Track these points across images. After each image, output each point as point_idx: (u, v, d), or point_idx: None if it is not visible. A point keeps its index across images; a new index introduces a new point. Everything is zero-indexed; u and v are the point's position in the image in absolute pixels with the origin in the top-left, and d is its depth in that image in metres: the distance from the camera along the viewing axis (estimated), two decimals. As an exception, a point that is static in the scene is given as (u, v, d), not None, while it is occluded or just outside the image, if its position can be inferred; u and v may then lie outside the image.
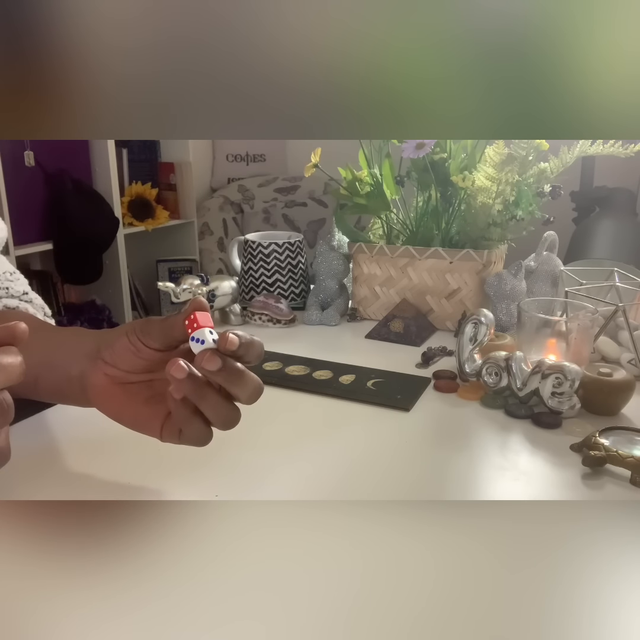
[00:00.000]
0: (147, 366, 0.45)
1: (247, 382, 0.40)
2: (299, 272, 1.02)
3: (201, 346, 0.40)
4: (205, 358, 0.39)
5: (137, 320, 0.45)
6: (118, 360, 0.44)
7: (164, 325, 0.43)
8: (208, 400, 0.40)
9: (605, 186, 2.11)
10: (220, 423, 0.42)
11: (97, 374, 0.45)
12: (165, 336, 0.43)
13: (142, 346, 0.43)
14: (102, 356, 0.45)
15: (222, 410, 0.41)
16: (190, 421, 0.42)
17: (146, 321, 0.44)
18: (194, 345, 0.40)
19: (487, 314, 0.68)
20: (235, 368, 0.40)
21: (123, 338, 0.44)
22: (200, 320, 0.40)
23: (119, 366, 0.44)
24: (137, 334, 0.43)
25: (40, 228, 2.07)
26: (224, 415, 0.41)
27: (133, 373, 0.45)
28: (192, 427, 0.42)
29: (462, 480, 0.51)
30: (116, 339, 0.44)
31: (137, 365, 0.44)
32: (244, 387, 0.40)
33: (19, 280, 0.64)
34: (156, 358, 0.44)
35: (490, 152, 0.83)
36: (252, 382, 0.41)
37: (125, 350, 0.44)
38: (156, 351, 0.43)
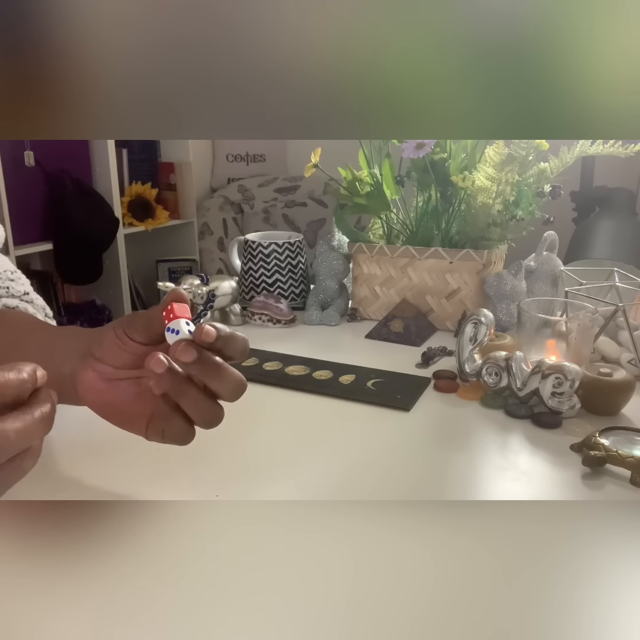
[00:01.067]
0: (133, 361, 0.44)
1: (226, 377, 0.39)
2: (299, 272, 1.02)
3: (176, 337, 0.39)
4: (179, 348, 0.38)
5: (124, 316, 0.44)
6: (106, 355, 0.44)
7: (146, 318, 0.42)
8: (188, 397, 0.40)
9: (605, 186, 2.11)
10: (201, 421, 0.41)
11: (86, 370, 0.45)
12: (147, 329, 0.42)
13: (127, 340, 0.43)
14: (92, 352, 0.45)
15: (203, 407, 0.40)
16: (170, 418, 0.41)
17: (132, 315, 0.43)
18: (169, 336, 0.39)
19: (487, 314, 0.68)
20: (212, 361, 0.39)
21: (110, 332, 0.43)
22: (177, 310, 0.40)
23: (107, 361, 0.44)
24: (123, 328, 0.43)
25: (40, 228, 2.07)
26: (205, 413, 0.40)
27: (121, 369, 0.45)
28: (173, 424, 0.41)
29: (462, 480, 0.51)
30: (104, 335, 0.44)
31: (123, 360, 0.44)
32: (223, 382, 0.39)
33: (20, 280, 0.64)
34: (142, 352, 0.43)
35: (490, 152, 0.83)
36: (231, 376, 0.39)
37: (112, 345, 0.43)
38: (141, 345, 0.43)
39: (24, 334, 0.53)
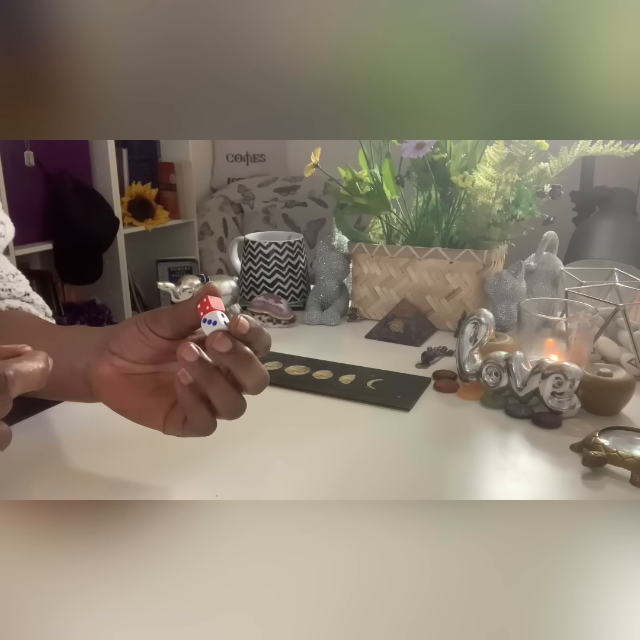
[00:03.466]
0: (154, 356, 0.45)
1: (256, 369, 0.41)
2: (299, 272, 1.02)
3: (213, 327, 0.40)
4: (217, 339, 0.40)
5: (147, 311, 0.45)
6: (125, 350, 0.45)
7: (174, 312, 0.43)
8: (216, 386, 0.41)
9: (605, 186, 2.11)
10: (227, 411, 0.42)
11: (103, 365, 0.45)
12: (176, 322, 0.43)
13: (151, 334, 0.44)
14: (109, 347, 0.45)
15: (230, 397, 0.41)
16: (196, 408, 0.42)
17: (156, 310, 0.45)
18: (206, 326, 0.41)
19: (487, 314, 0.68)
20: (245, 352, 0.40)
21: (132, 327, 0.44)
22: (212, 303, 0.41)
23: (126, 356, 0.45)
24: (146, 322, 0.44)
25: (40, 228, 2.07)
26: (231, 403, 0.42)
27: (139, 364, 0.46)
28: (198, 414, 0.42)
29: (462, 480, 0.51)
30: (125, 328, 0.45)
31: (144, 355, 0.45)
32: (252, 374, 0.41)
33: (20, 281, 0.64)
34: (164, 347, 0.45)
35: (490, 152, 0.83)
36: (260, 369, 0.41)
37: (134, 339, 0.44)
38: (164, 339, 0.44)
39: (32, 333, 0.53)
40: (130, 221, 2.36)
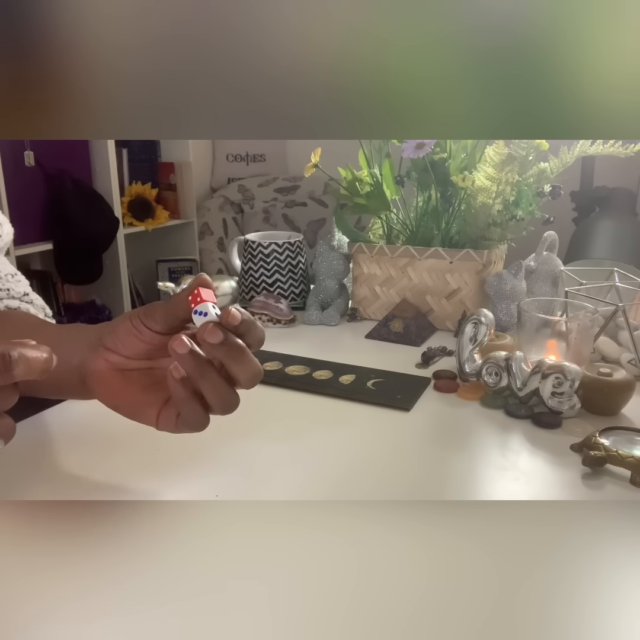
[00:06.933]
0: (148, 351, 0.45)
1: (248, 362, 0.40)
2: (299, 272, 1.02)
3: (204, 318, 0.40)
4: (208, 330, 0.39)
5: (141, 307, 0.45)
6: (119, 345, 0.45)
7: (167, 306, 0.43)
8: (208, 380, 0.40)
9: (605, 186, 2.11)
10: (219, 406, 0.42)
11: (97, 361, 0.45)
12: (169, 315, 0.43)
13: (144, 329, 0.44)
14: (104, 343, 0.45)
15: (222, 391, 0.41)
16: (188, 403, 0.41)
17: (149, 305, 0.44)
18: (197, 318, 0.40)
19: (487, 314, 0.68)
20: (237, 344, 0.40)
21: (126, 322, 0.44)
22: (203, 295, 0.41)
23: (120, 351, 0.45)
24: (140, 317, 0.44)
25: (40, 228, 2.07)
26: (224, 397, 0.41)
27: (133, 359, 0.45)
28: (191, 409, 0.42)
29: (462, 480, 0.51)
30: (119, 324, 0.45)
31: (138, 350, 0.45)
32: (245, 367, 0.40)
33: (19, 282, 0.64)
34: (157, 342, 0.44)
35: (490, 152, 0.83)
36: (253, 362, 0.41)
37: (128, 334, 0.44)
38: (158, 334, 0.44)
39: (30, 333, 0.53)
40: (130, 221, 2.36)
